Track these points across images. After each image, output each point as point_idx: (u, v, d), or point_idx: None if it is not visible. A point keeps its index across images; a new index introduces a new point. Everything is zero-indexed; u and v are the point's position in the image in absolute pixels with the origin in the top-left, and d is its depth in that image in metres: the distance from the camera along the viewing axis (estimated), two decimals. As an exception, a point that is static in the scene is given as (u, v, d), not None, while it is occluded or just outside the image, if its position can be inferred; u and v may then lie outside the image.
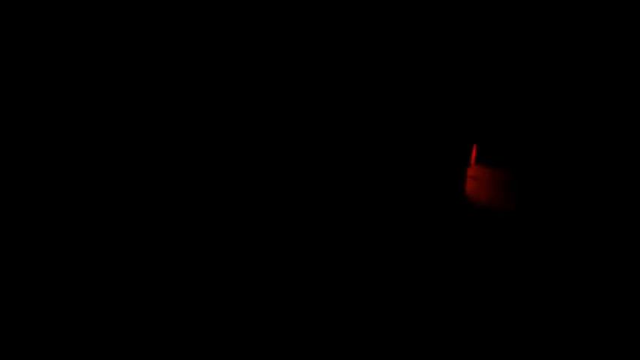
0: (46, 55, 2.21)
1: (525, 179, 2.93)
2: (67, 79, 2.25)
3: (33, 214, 2.03)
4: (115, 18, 2.25)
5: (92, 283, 1.77)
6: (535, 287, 2.19)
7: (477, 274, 2.26)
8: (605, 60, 2.71)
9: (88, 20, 2.24)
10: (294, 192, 2.32)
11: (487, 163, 3.00)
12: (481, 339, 1.74)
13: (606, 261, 2.40)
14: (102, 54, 2.27)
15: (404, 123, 2.59)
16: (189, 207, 2.21)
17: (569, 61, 2.77)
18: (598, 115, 2.84)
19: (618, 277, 2.30)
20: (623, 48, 2.65)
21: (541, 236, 2.63)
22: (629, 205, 2.53)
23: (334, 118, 2.48)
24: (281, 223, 2.19)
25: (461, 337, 1.73)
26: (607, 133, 2.82)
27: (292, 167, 2.37)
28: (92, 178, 2.22)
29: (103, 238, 1.99)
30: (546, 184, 2.92)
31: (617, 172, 2.76)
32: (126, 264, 1.88)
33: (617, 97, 2.76)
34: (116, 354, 1.48)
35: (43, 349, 1.47)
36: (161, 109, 2.34)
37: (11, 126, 2.15)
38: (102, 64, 2.28)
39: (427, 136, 2.63)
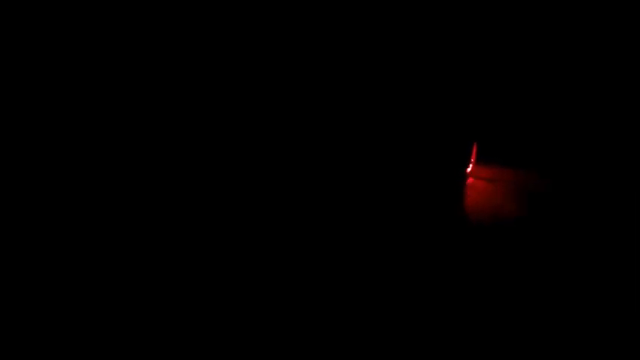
0: (46, 54, 2.22)
1: (556, 181, 2.51)
2: (66, 79, 2.26)
3: (32, 214, 2.04)
4: (115, 17, 2.24)
5: (92, 282, 1.77)
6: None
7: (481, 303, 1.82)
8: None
9: (87, 19, 2.23)
10: (275, 197, 2.27)
11: (491, 163, 2.60)
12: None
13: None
14: (101, 53, 2.26)
15: (394, 117, 2.36)
16: (188, 206, 2.20)
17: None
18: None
19: None
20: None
21: (577, 252, 2.06)
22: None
23: (321, 113, 2.35)
24: (266, 230, 2.14)
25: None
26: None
27: (273, 169, 2.32)
28: (91, 177, 2.22)
29: (103, 237, 1.99)
30: (589, 186, 2.46)
31: None
32: (125, 263, 1.88)
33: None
34: (116, 354, 1.48)
35: (42, 349, 1.47)
36: (160, 108, 2.33)
37: (10, 126, 2.16)
38: (101, 64, 2.27)
39: (421, 133, 2.35)
